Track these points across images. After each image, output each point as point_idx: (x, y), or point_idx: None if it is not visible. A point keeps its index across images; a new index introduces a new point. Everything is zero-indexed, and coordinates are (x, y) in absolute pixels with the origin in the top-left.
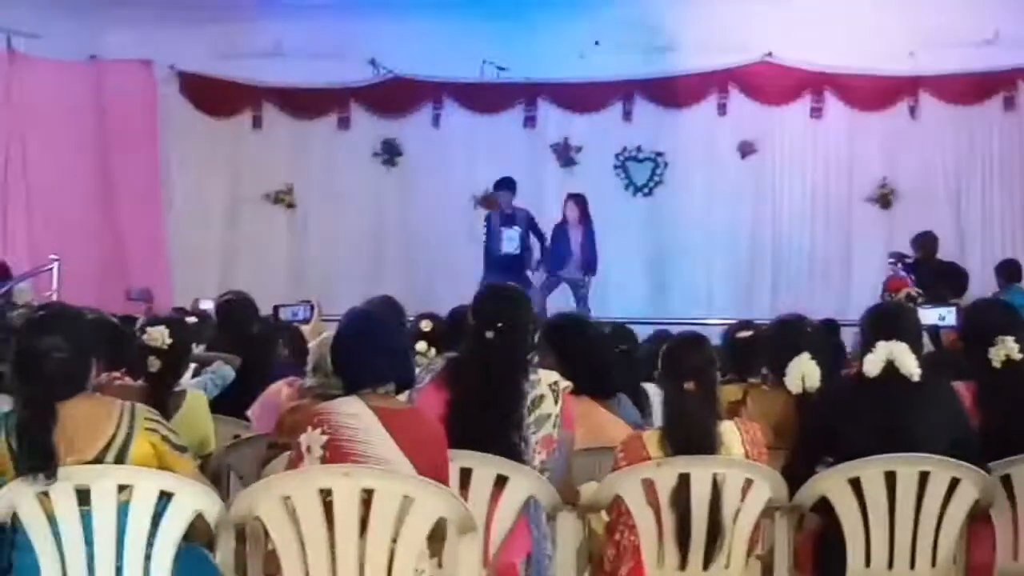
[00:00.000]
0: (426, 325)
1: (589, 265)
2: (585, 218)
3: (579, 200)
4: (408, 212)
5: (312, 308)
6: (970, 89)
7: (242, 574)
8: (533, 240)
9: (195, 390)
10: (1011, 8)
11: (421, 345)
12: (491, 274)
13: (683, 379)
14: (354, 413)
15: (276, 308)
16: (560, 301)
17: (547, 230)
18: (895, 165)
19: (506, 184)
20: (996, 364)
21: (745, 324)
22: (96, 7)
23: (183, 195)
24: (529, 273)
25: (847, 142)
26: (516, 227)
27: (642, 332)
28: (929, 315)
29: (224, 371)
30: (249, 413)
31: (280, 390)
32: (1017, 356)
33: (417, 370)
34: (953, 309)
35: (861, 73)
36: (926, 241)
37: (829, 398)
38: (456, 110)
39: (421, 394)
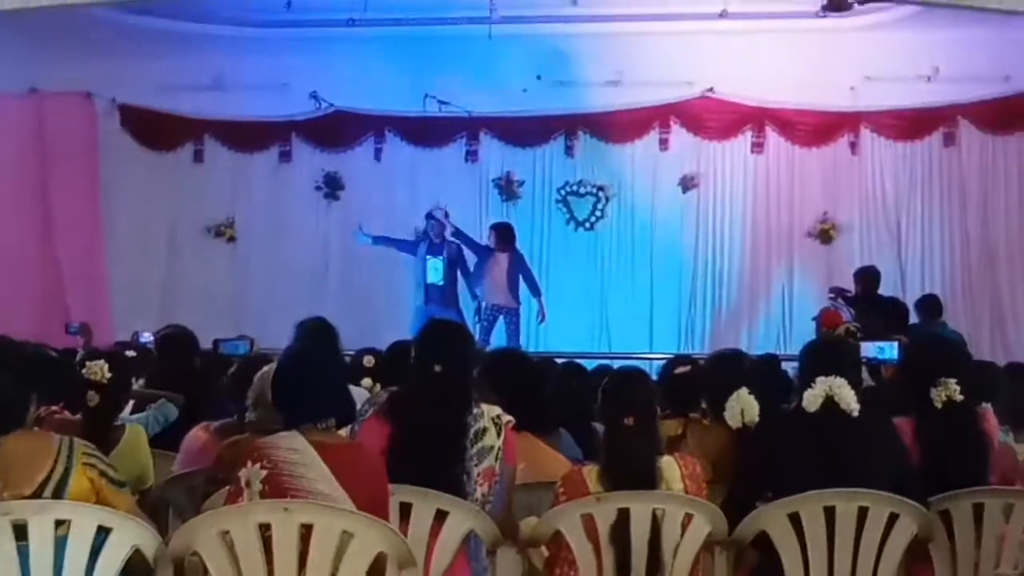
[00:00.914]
0: (369, 361)
1: (514, 294)
2: (508, 247)
3: (497, 228)
4: (350, 246)
5: (252, 342)
6: (910, 125)
7: None
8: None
9: (134, 424)
10: (951, 45)
11: (367, 381)
12: (422, 301)
13: (623, 414)
14: (294, 448)
15: (216, 342)
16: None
17: None
18: (836, 200)
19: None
20: (937, 404)
21: (682, 359)
22: (36, 40)
23: (124, 228)
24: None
25: (788, 177)
26: (441, 257)
27: (585, 367)
28: (870, 349)
29: (167, 409)
30: (174, 468)
31: (196, 436)
32: (958, 398)
33: (359, 403)
34: (895, 344)
35: (802, 108)
36: (867, 276)
37: (768, 433)
38: (398, 144)
39: (363, 427)
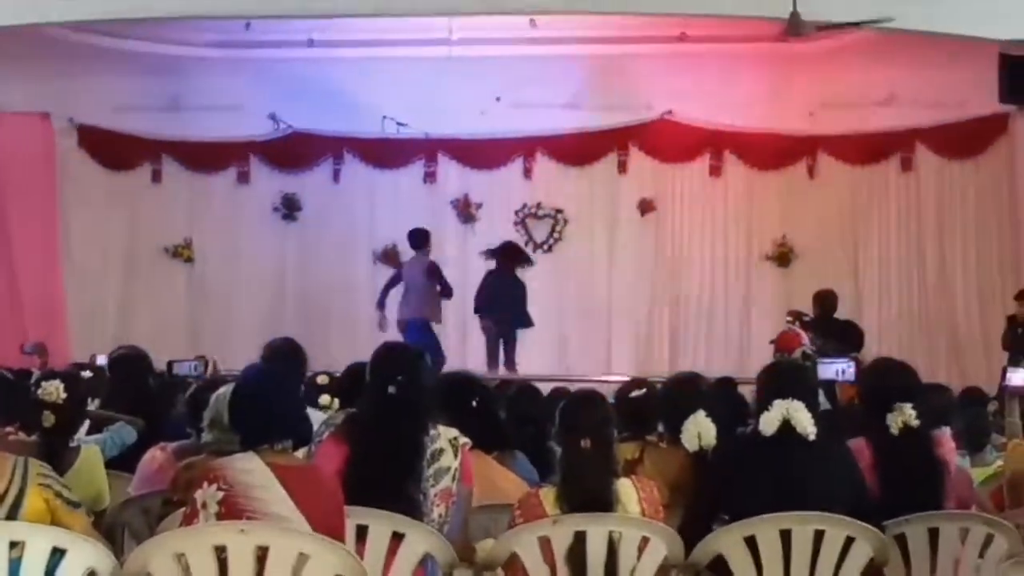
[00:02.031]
0: (322, 379)
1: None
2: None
3: (494, 252)
4: (308, 267)
5: (206, 364)
6: (868, 149)
7: None
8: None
9: (90, 445)
10: (907, 69)
11: (325, 399)
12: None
13: (579, 436)
14: (250, 469)
15: (170, 364)
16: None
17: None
18: (793, 223)
19: (408, 236)
20: (894, 430)
21: (638, 382)
22: None
23: (81, 248)
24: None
25: (746, 200)
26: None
27: (542, 389)
28: (827, 370)
29: (125, 432)
30: (130, 490)
31: (153, 457)
32: (914, 423)
33: (317, 423)
34: (852, 364)
35: (760, 132)
36: (825, 299)
37: (725, 456)
38: (356, 165)
39: (320, 449)
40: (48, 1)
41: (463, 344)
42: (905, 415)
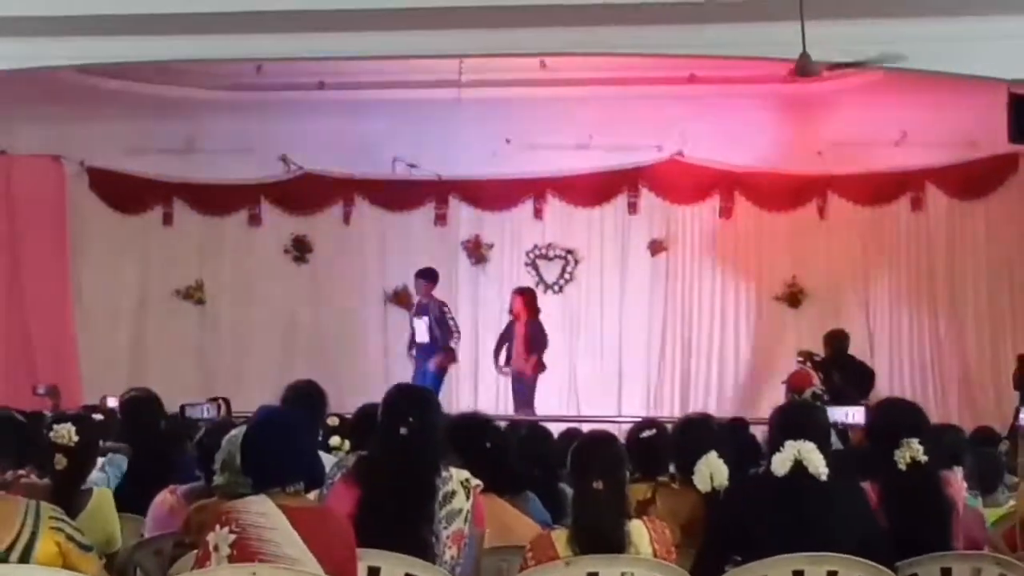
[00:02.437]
0: (332, 421)
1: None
2: (529, 312)
3: (522, 294)
4: (319, 309)
5: (219, 408)
6: (878, 189)
7: None
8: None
9: (101, 488)
10: (917, 109)
11: (335, 440)
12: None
13: (592, 478)
14: (262, 512)
15: (183, 407)
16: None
17: (464, 326)
18: (804, 264)
19: (420, 274)
20: (901, 466)
21: (648, 423)
22: (5, 102)
23: (92, 291)
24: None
25: (756, 241)
26: (425, 317)
27: (553, 430)
28: (837, 413)
29: (118, 459)
30: (143, 533)
31: (164, 500)
32: (922, 458)
33: (328, 466)
34: (862, 408)
35: (770, 172)
36: (836, 340)
37: (737, 497)
38: (367, 207)
39: (332, 491)
40: (59, 45)
41: (474, 385)
42: (912, 450)
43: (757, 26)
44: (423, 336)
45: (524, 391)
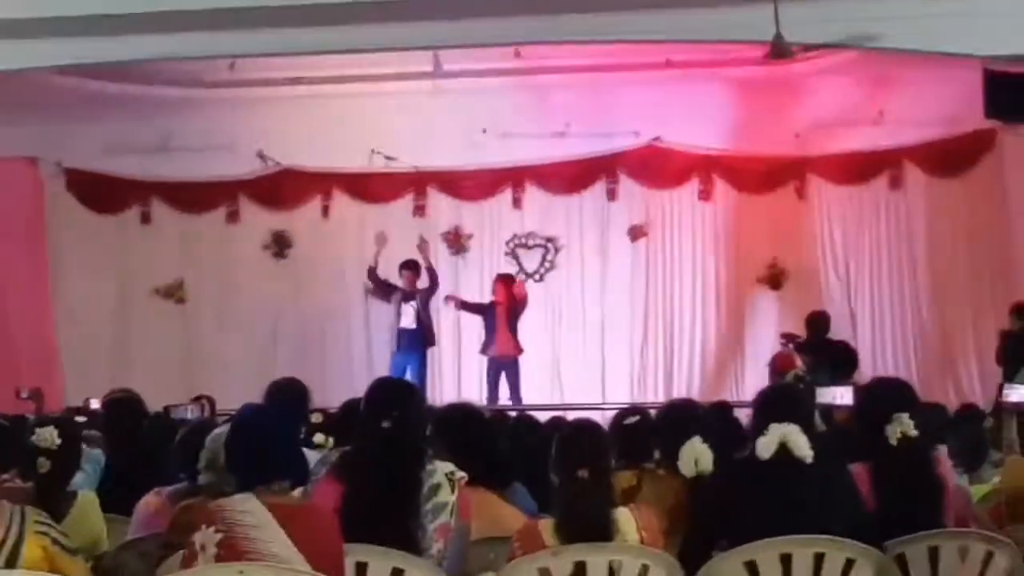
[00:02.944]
0: (316, 417)
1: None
2: (511, 297)
3: (505, 280)
4: (300, 303)
5: (203, 408)
6: (856, 168)
7: None
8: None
9: (85, 491)
10: (894, 88)
11: (319, 437)
12: (397, 348)
13: (577, 466)
14: (248, 510)
15: (167, 408)
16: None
17: (440, 316)
18: (784, 245)
19: (405, 265)
20: (892, 441)
21: (632, 410)
22: None
23: (72, 292)
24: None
25: (736, 223)
26: (413, 302)
27: (537, 420)
28: (825, 395)
29: (94, 455)
30: (128, 538)
31: (148, 502)
32: (913, 433)
33: (312, 463)
34: (850, 388)
35: (748, 155)
36: (818, 321)
37: (723, 481)
38: (346, 200)
39: (317, 488)
40: (32, 47)
41: (456, 375)
42: (904, 425)
43: (731, 10)
44: (410, 322)
45: (513, 375)
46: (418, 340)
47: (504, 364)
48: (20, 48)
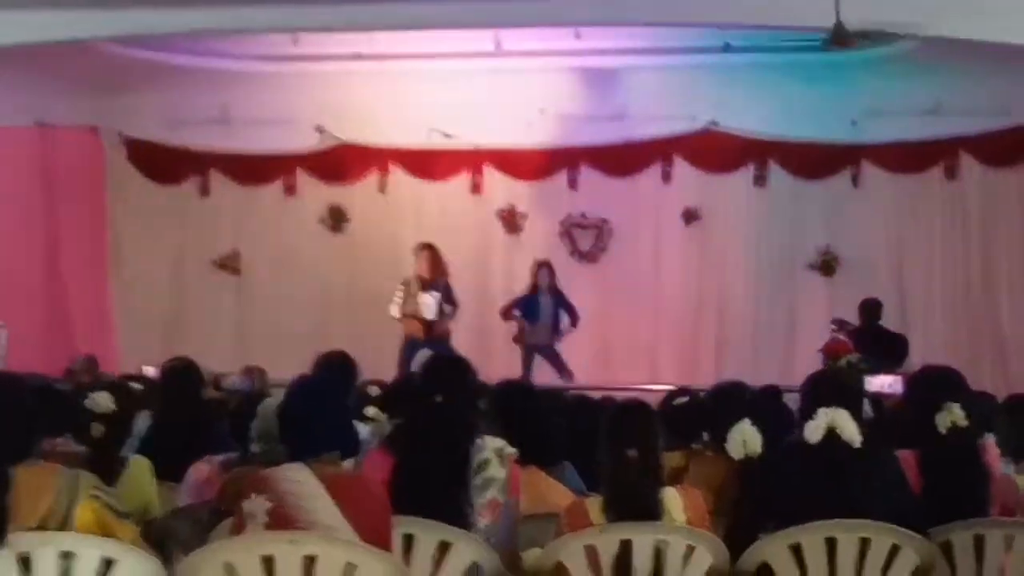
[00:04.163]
0: (374, 390)
1: (556, 330)
2: (554, 284)
3: (548, 266)
4: (354, 278)
5: (255, 378)
6: (912, 158)
7: None
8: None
9: (137, 457)
10: (952, 78)
11: (371, 410)
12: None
13: (626, 446)
14: (299, 480)
15: (218, 378)
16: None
17: (493, 296)
18: (837, 233)
19: (426, 247)
20: (942, 430)
21: (681, 391)
22: (43, 74)
23: (130, 261)
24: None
25: (790, 210)
26: (435, 292)
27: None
28: (875, 383)
29: (140, 422)
30: (179, 505)
31: (199, 469)
32: (963, 423)
33: (363, 434)
34: (899, 377)
35: (804, 141)
36: (870, 308)
37: (770, 464)
38: (402, 176)
39: (367, 459)
40: (94, 17)
41: (509, 354)
42: (954, 415)
43: None
44: (432, 313)
45: (557, 358)
46: (440, 334)
47: (550, 348)
48: (82, 18)
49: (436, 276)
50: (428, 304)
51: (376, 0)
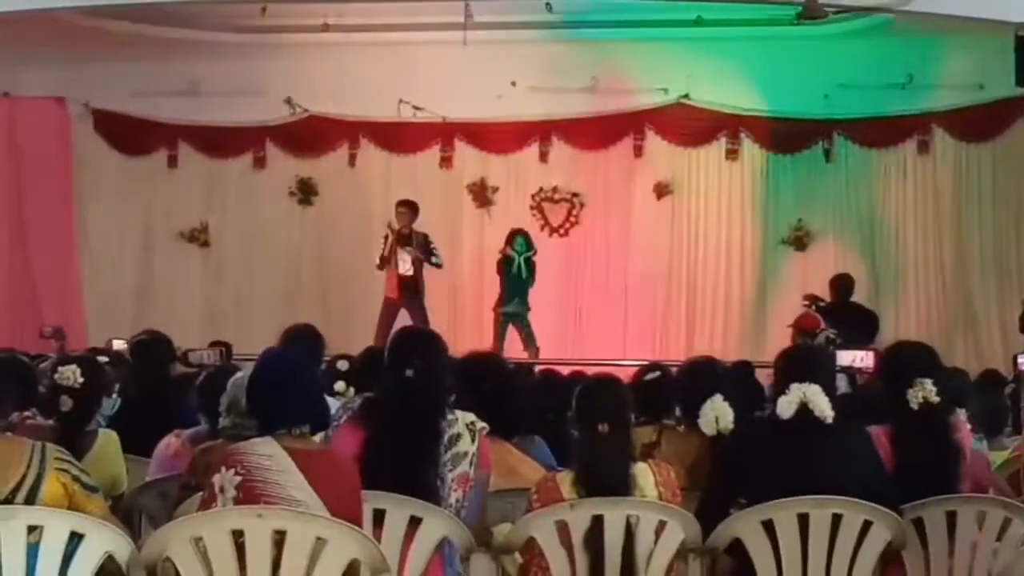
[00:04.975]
0: (343, 365)
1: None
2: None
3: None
4: (324, 251)
5: (222, 354)
6: (884, 132)
7: None
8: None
9: (107, 430)
10: (925, 52)
11: (340, 385)
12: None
13: (597, 421)
14: (268, 454)
15: (186, 352)
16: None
17: (462, 270)
18: (810, 207)
19: (404, 203)
20: (913, 406)
21: (653, 366)
22: (9, 44)
23: (97, 233)
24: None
25: (762, 183)
26: (410, 248)
27: (560, 374)
28: (846, 357)
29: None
30: (147, 479)
31: (168, 443)
32: (934, 399)
33: (333, 409)
34: (871, 352)
35: (776, 115)
36: (842, 283)
37: (742, 440)
38: (372, 149)
39: (337, 433)
40: None
41: (479, 326)
42: (926, 390)
43: None
44: (407, 268)
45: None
46: (414, 289)
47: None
48: None
49: (413, 231)
50: (403, 259)
51: None
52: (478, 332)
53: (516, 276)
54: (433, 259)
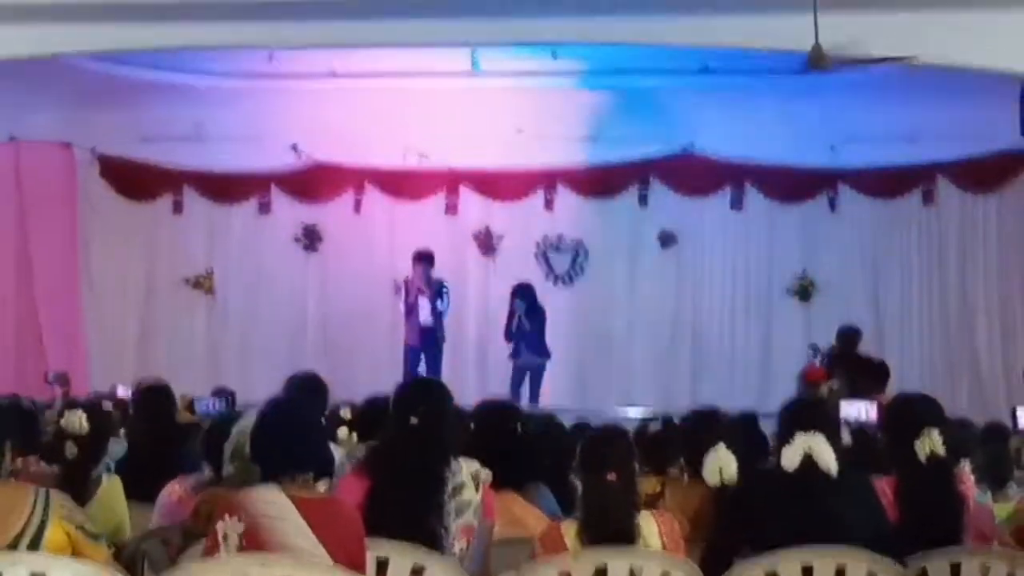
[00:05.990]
0: (346, 412)
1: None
2: (532, 306)
3: (524, 290)
4: (328, 298)
5: (227, 401)
6: (889, 183)
7: None
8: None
9: (111, 477)
10: (930, 104)
11: (343, 432)
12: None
13: (603, 470)
14: (272, 502)
15: (191, 401)
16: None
17: (467, 318)
18: (814, 257)
19: (422, 257)
20: (921, 458)
21: (656, 416)
22: (16, 89)
23: (102, 278)
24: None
25: (767, 234)
26: (424, 301)
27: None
28: (850, 410)
29: (114, 450)
30: (151, 526)
31: (171, 490)
32: (941, 450)
33: (337, 457)
34: (873, 404)
35: (781, 165)
36: (847, 335)
37: (747, 490)
38: (377, 197)
39: (342, 483)
40: (69, 32)
41: (483, 375)
42: (933, 441)
43: (770, 17)
44: (427, 318)
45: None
46: (434, 337)
47: (533, 368)
48: (56, 33)
49: (429, 285)
50: (425, 310)
51: (351, 18)
52: (481, 380)
53: (518, 330)
54: (438, 303)
